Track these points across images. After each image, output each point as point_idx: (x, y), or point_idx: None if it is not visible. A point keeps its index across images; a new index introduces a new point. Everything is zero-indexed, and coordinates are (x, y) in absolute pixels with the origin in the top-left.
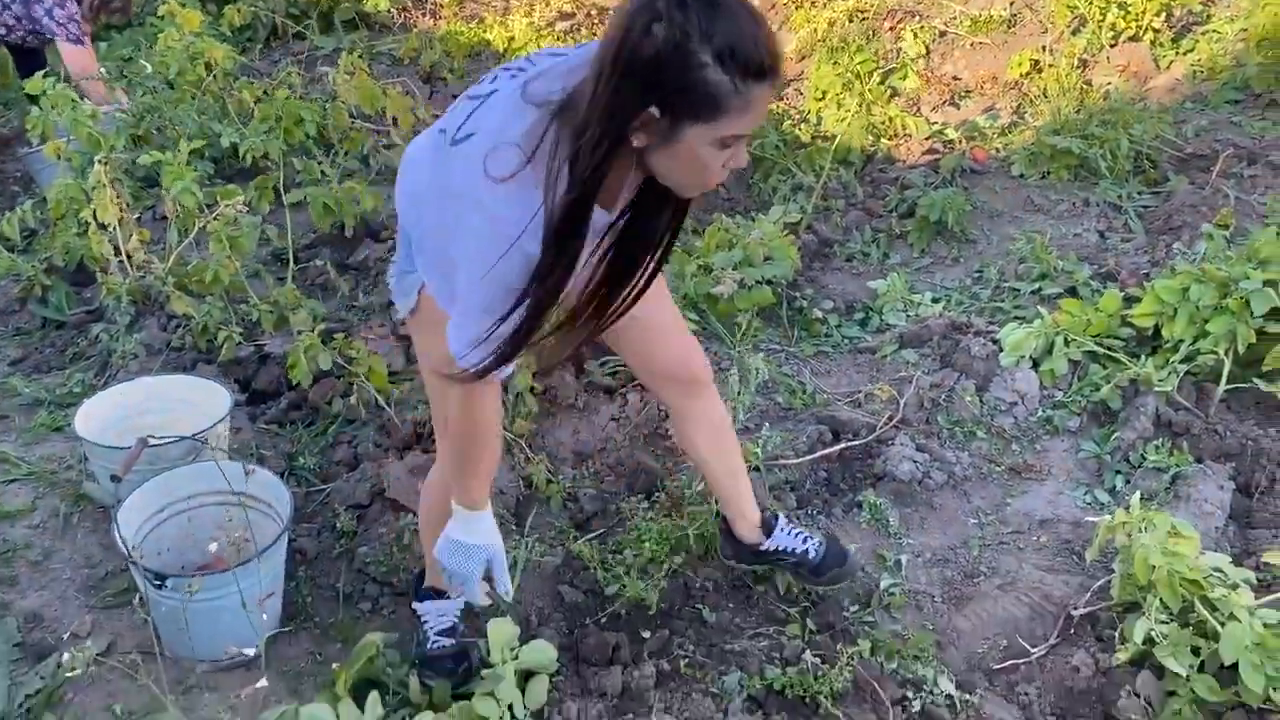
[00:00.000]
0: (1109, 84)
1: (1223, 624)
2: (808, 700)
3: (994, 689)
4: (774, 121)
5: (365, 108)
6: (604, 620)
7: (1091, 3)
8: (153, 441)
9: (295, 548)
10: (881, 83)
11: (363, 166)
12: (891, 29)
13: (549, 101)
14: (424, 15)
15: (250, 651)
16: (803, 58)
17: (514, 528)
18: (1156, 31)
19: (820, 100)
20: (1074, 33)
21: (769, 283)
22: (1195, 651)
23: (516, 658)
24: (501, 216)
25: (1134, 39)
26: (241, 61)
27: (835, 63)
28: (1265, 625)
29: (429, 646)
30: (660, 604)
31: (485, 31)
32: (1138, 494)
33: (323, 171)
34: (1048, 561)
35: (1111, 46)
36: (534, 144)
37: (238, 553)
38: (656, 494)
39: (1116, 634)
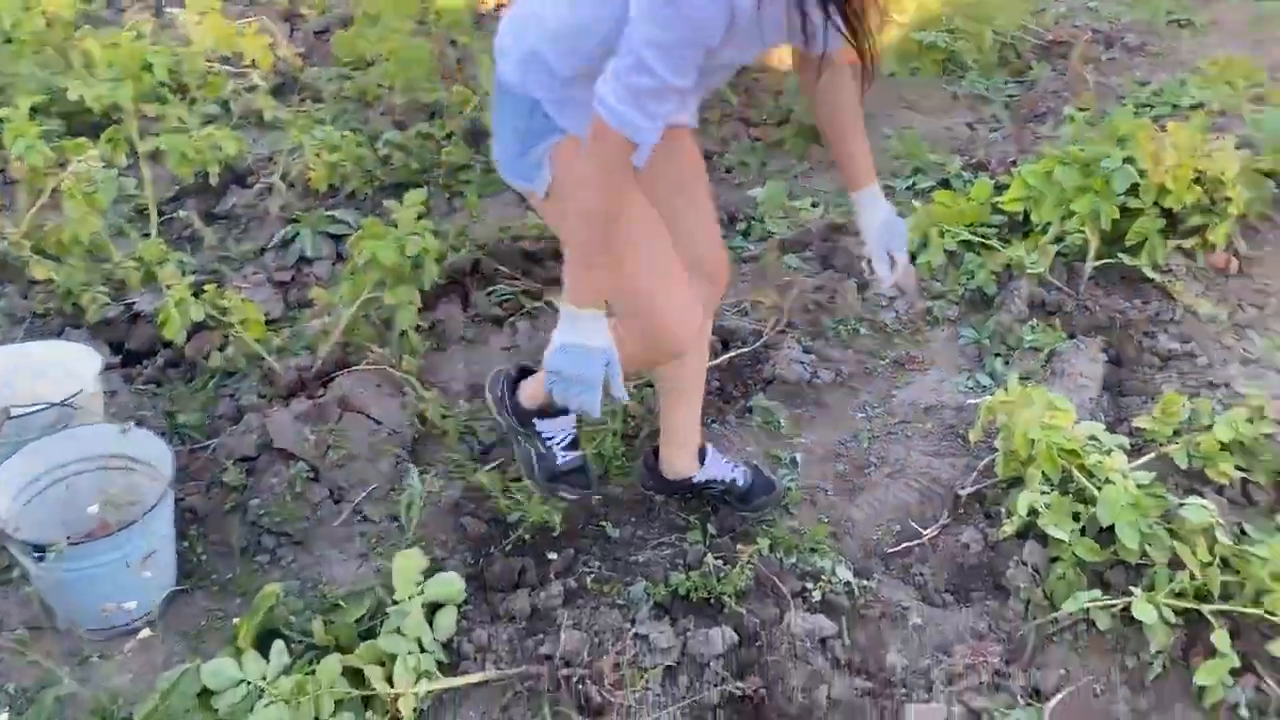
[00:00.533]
0: None
1: (1099, 489)
2: (712, 601)
3: (890, 572)
4: None
5: (221, 50)
6: (509, 547)
7: None
8: (15, 412)
9: (184, 506)
10: None
11: (224, 112)
12: None
13: None
14: None
15: (130, 605)
16: None
17: (411, 464)
18: None
19: None
20: None
21: None
22: (1076, 517)
23: (422, 592)
24: None
25: None
26: (83, 10)
27: None
28: (1139, 486)
29: (559, 462)
30: (563, 525)
31: None
32: (1016, 374)
33: (180, 119)
34: (934, 447)
35: None
36: None
37: (119, 512)
38: None
39: (1002, 509)
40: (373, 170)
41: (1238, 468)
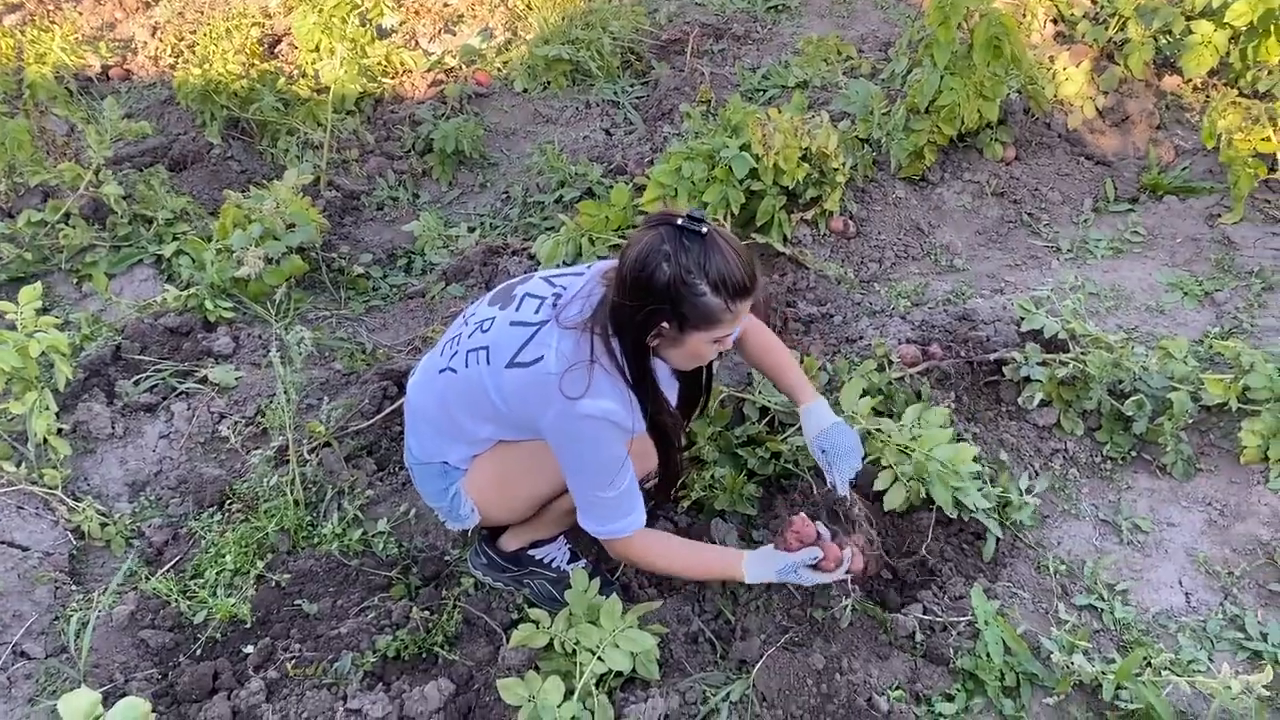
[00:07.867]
0: None
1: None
2: (424, 655)
3: None
4: (268, 82)
5: None
6: (198, 651)
7: None
8: None
9: None
10: (363, 24)
11: None
12: None
13: (581, 322)
14: None
15: None
16: (289, 11)
17: (74, 587)
18: None
19: (314, 52)
20: None
21: (299, 250)
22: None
23: None
24: (609, 410)
25: None
26: None
27: (318, 10)
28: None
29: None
30: (255, 614)
31: None
32: None
33: None
34: None
35: None
36: (587, 354)
37: None
38: (228, 501)
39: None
40: None
41: (877, 411)
